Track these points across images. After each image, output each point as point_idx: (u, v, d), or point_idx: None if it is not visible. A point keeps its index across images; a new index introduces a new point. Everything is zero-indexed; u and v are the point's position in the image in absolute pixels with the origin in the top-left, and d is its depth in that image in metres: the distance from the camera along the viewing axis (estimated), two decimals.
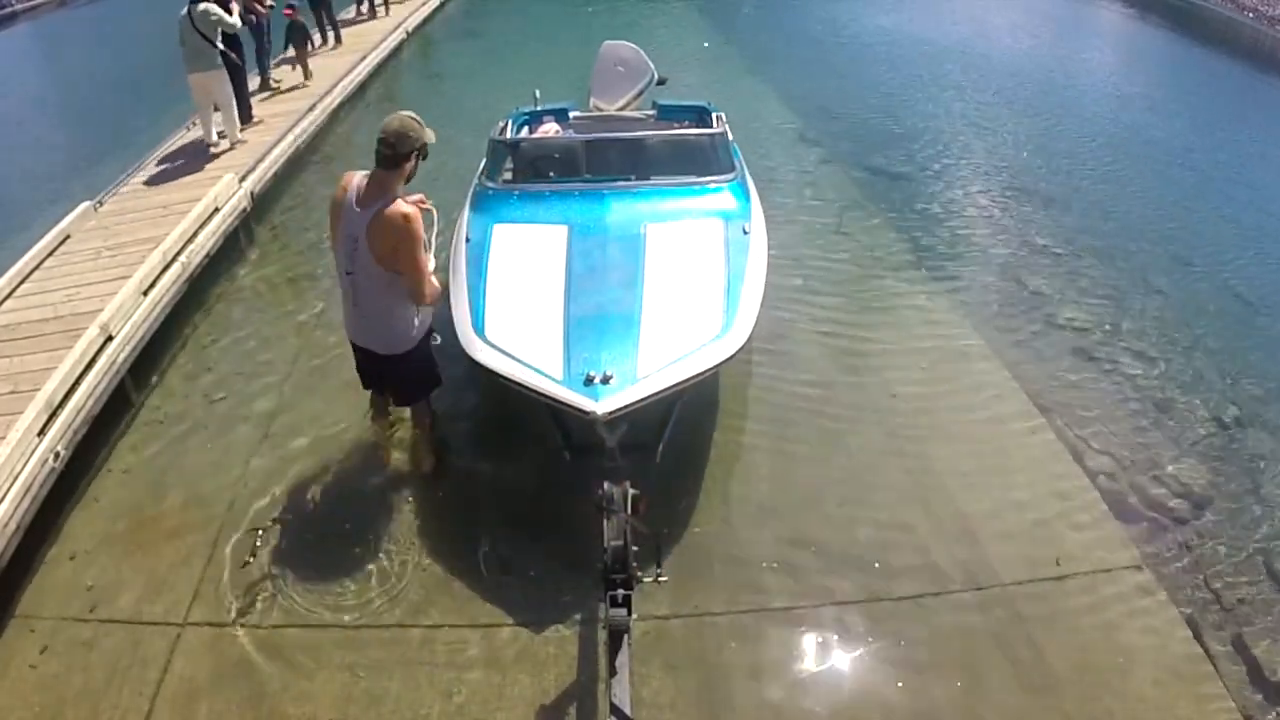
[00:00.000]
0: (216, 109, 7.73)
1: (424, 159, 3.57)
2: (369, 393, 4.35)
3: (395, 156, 3.45)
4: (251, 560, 3.82)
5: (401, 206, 3.43)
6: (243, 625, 3.51)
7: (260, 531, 3.97)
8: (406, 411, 4.38)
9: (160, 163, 7.71)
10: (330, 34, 11.56)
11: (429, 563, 3.77)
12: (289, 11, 10.06)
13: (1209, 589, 3.71)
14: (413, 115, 3.54)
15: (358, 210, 3.46)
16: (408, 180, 3.57)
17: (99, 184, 7.14)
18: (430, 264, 3.66)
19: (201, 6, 7.10)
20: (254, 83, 9.25)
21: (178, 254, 5.91)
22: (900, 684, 3.25)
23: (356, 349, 3.98)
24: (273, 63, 10.02)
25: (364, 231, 3.44)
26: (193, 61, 7.30)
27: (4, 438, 3.97)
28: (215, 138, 7.82)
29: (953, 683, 3.24)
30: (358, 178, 3.54)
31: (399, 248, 3.45)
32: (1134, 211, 7.40)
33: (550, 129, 6.14)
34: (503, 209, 4.70)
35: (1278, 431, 4.68)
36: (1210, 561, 3.85)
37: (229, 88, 7.65)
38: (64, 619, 3.60)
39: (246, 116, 8.49)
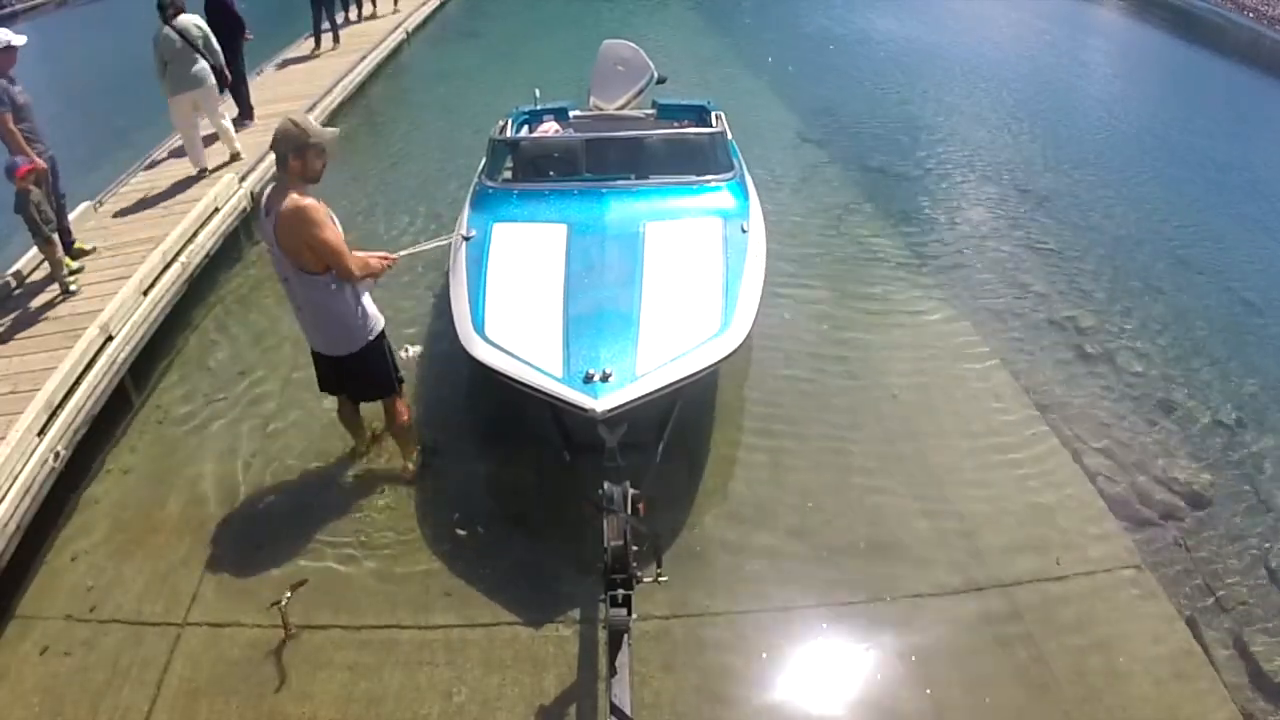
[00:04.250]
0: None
1: (320, 156, 3.44)
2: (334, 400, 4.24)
3: (279, 157, 3.44)
4: (251, 560, 3.82)
5: (293, 200, 3.40)
6: (243, 625, 3.51)
7: (260, 531, 3.98)
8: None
9: (160, 163, 7.70)
10: (327, 35, 11.53)
11: (429, 563, 3.77)
12: None
13: (1209, 589, 3.71)
14: (294, 118, 3.45)
15: (265, 218, 3.53)
16: (311, 181, 3.47)
17: (99, 184, 7.13)
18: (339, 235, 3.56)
19: (184, 20, 6.78)
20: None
21: (178, 254, 5.91)
22: (900, 684, 3.25)
23: (314, 354, 3.96)
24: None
25: (273, 238, 3.49)
26: (184, 81, 6.80)
27: (4, 438, 3.97)
28: (207, 163, 7.34)
29: (953, 682, 3.24)
30: (269, 190, 3.57)
31: (305, 239, 3.43)
32: (1134, 211, 7.40)
33: (550, 128, 6.14)
34: (502, 208, 4.70)
35: (1278, 431, 4.67)
36: (1210, 561, 3.85)
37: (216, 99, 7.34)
38: (64, 619, 3.60)
39: (248, 114, 8.48)
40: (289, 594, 3.43)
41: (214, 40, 7.06)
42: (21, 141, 5.07)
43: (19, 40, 5.16)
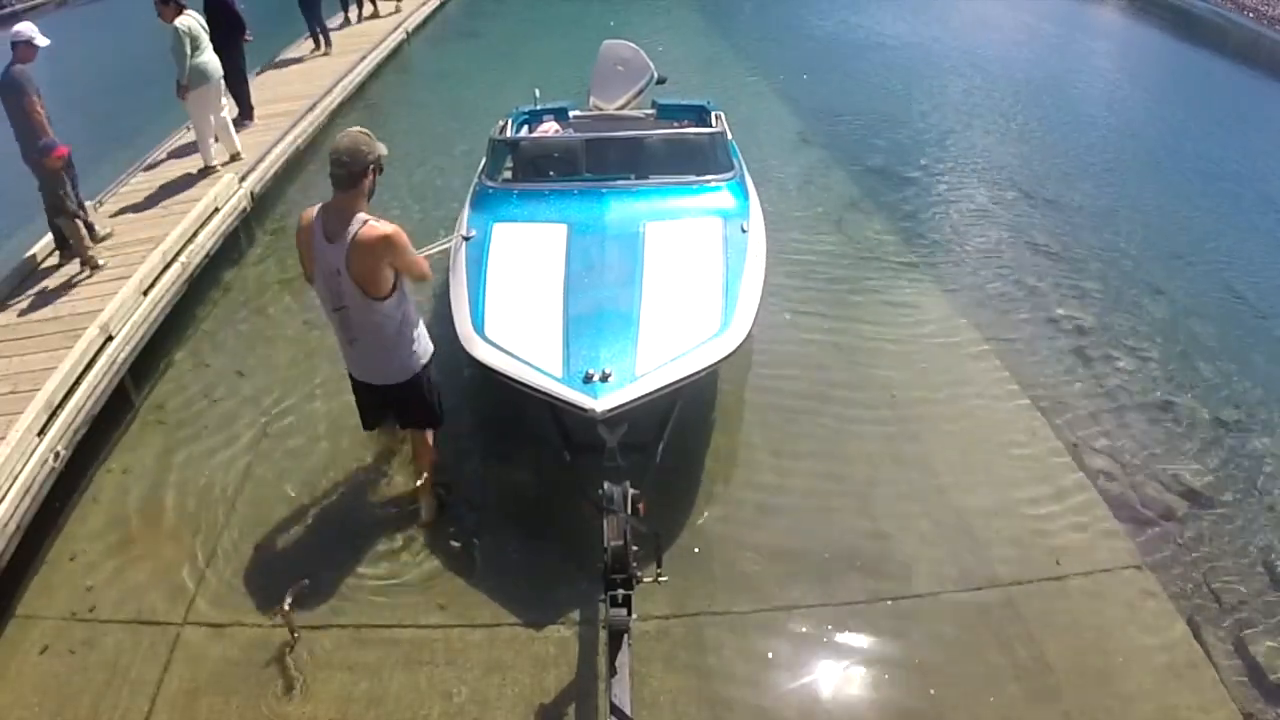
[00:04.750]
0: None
1: (380, 173, 3.33)
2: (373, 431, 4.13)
3: (351, 175, 3.20)
4: (251, 560, 3.82)
5: (376, 229, 3.21)
6: (243, 625, 3.51)
7: (260, 531, 3.97)
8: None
9: (160, 163, 7.70)
10: (321, 39, 11.52)
11: (429, 563, 3.78)
12: None
13: (1209, 589, 3.71)
14: (362, 130, 3.32)
15: (330, 244, 3.23)
16: (369, 198, 3.30)
17: (99, 184, 7.13)
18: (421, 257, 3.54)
19: (191, 16, 6.84)
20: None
21: (178, 254, 5.91)
22: (900, 684, 3.25)
23: (358, 385, 3.75)
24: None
25: (344, 263, 3.21)
26: (206, 74, 6.92)
27: (4, 438, 3.97)
28: (215, 158, 7.42)
29: (953, 683, 3.24)
30: (316, 210, 3.32)
31: (393, 264, 3.28)
32: (1134, 211, 7.40)
33: (550, 128, 6.14)
34: (502, 208, 4.70)
35: (1278, 431, 4.67)
36: (1210, 561, 3.84)
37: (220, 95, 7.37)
38: (64, 619, 3.60)
39: (248, 114, 8.49)
40: (290, 597, 3.43)
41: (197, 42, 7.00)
42: (47, 124, 5.29)
43: (42, 41, 5.35)
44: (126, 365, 5.00)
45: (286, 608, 3.41)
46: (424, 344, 3.62)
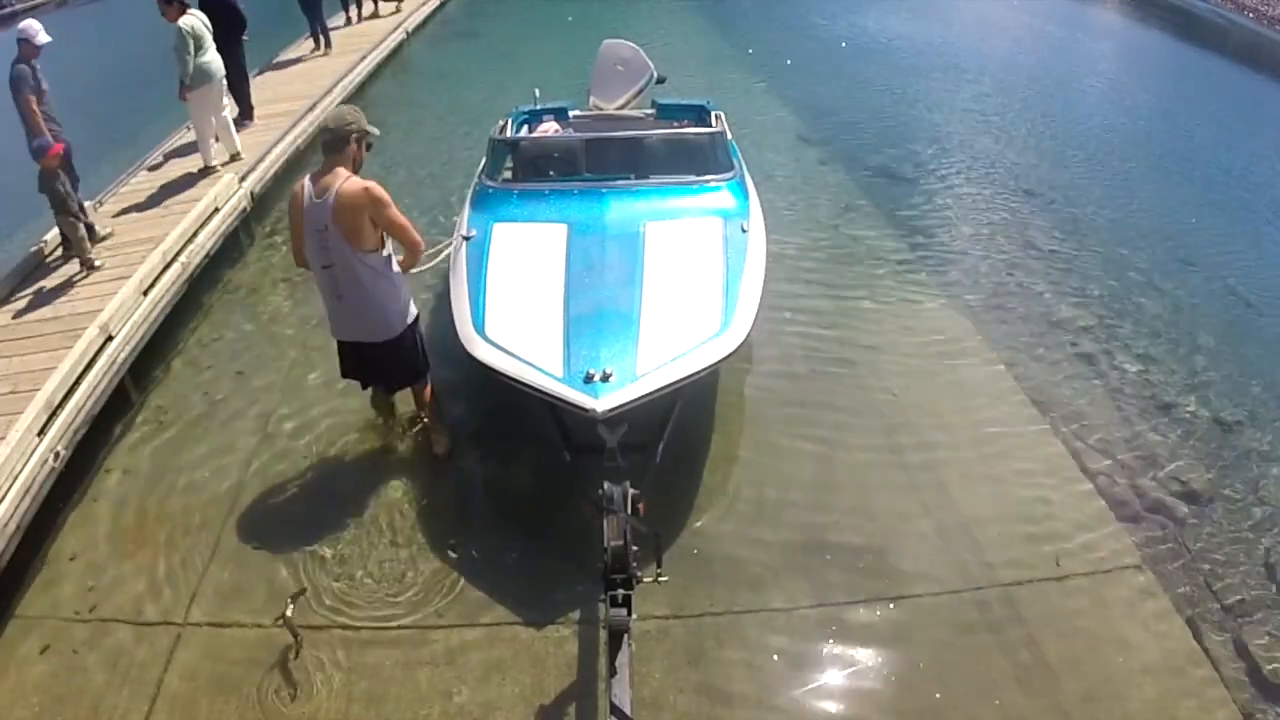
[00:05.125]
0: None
1: (369, 149, 3.74)
2: (368, 390, 4.35)
3: (335, 140, 3.62)
4: (251, 560, 3.82)
5: (358, 182, 3.59)
6: (243, 625, 3.51)
7: (260, 531, 3.97)
8: (409, 402, 4.39)
9: (160, 163, 7.70)
10: (321, 38, 11.52)
11: (429, 562, 3.77)
12: None
13: (1209, 589, 3.71)
14: (353, 107, 3.80)
15: (317, 201, 3.58)
16: (356, 169, 3.68)
17: (99, 184, 7.13)
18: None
19: (194, 15, 6.87)
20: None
21: (178, 254, 5.91)
22: (900, 684, 3.25)
23: (345, 346, 4.02)
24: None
25: (331, 216, 3.54)
26: (209, 73, 6.96)
27: (4, 438, 3.97)
28: (215, 158, 7.44)
29: (953, 683, 3.24)
30: (307, 179, 3.69)
31: (375, 217, 3.61)
32: (1134, 211, 7.40)
33: (550, 128, 6.13)
34: (502, 207, 4.70)
35: (1278, 431, 4.67)
36: (1210, 561, 3.84)
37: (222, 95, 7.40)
38: (64, 619, 3.60)
39: (248, 114, 8.49)
40: (290, 604, 3.42)
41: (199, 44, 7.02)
42: (42, 122, 5.31)
43: (43, 39, 5.38)
44: (126, 365, 5.00)
45: (289, 614, 3.38)
46: (410, 306, 3.96)
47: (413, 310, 3.99)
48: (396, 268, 3.89)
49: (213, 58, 7.00)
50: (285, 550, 3.86)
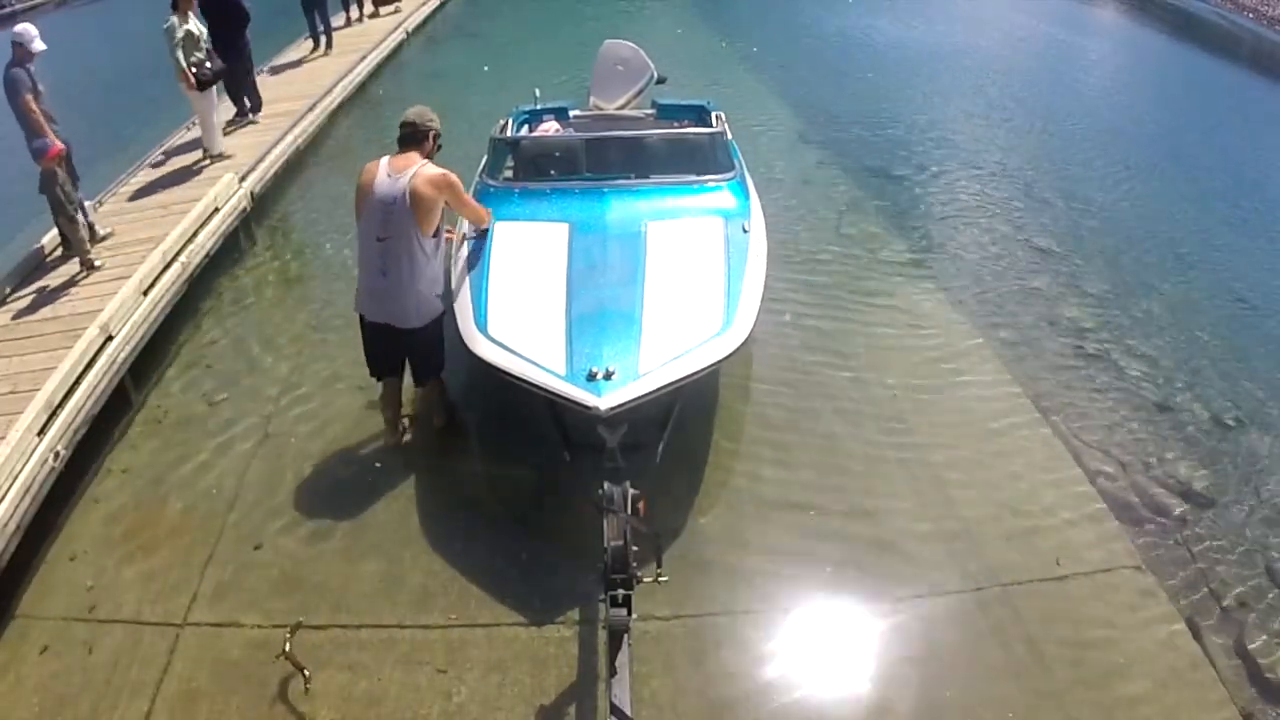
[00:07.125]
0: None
1: (439, 148, 4.04)
2: (379, 383, 4.31)
3: (416, 134, 3.94)
4: (251, 560, 3.82)
5: (439, 169, 3.92)
6: (243, 625, 3.51)
7: (260, 531, 3.97)
8: (411, 403, 4.41)
9: (160, 163, 7.69)
10: (323, 38, 11.51)
11: (429, 562, 3.77)
12: None
13: (1209, 589, 3.71)
14: (427, 108, 4.04)
15: (391, 178, 3.83)
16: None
17: (99, 184, 7.12)
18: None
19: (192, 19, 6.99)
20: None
21: (178, 254, 5.91)
22: (901, 683, 3.24)
23: (373, 328, 4.07)
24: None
25: (405, 191, 3.78)
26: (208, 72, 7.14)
27: (4, 438, 3.96)
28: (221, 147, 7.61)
29: (953, 683, 3.24)
30: (383, 159, 3.94)
31: (451, 200, 3.94)
32: (1134, 212, 7.40)
33: (550, 127, 6.13)
34: (504, 206, 4.70)
35: (1278, 431, 4.67)
36: (1210, 561, 3.85)
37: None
38: (64, 619, 3.60)
39: (256, 105, 8.54)
40: (288, 638, 3.34)
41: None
42: (44, 123, 5.31)
43: (39, 47, 5.35)
44: (126, 365, 5.00)
45: (288, 649, 3.29)
46: (440, 303, 4.09)
47: (442, 306, 4.09)
48: (441, 260, 4.08)
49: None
50: (285, 550, 3.86)
